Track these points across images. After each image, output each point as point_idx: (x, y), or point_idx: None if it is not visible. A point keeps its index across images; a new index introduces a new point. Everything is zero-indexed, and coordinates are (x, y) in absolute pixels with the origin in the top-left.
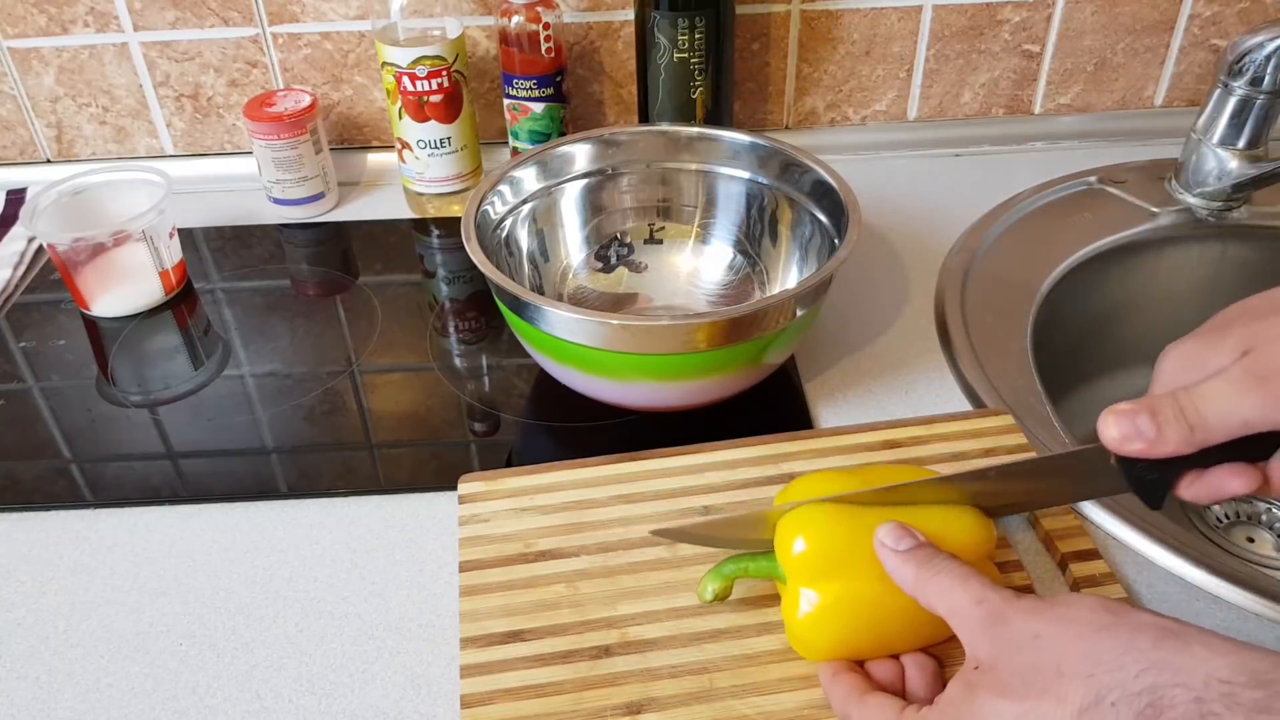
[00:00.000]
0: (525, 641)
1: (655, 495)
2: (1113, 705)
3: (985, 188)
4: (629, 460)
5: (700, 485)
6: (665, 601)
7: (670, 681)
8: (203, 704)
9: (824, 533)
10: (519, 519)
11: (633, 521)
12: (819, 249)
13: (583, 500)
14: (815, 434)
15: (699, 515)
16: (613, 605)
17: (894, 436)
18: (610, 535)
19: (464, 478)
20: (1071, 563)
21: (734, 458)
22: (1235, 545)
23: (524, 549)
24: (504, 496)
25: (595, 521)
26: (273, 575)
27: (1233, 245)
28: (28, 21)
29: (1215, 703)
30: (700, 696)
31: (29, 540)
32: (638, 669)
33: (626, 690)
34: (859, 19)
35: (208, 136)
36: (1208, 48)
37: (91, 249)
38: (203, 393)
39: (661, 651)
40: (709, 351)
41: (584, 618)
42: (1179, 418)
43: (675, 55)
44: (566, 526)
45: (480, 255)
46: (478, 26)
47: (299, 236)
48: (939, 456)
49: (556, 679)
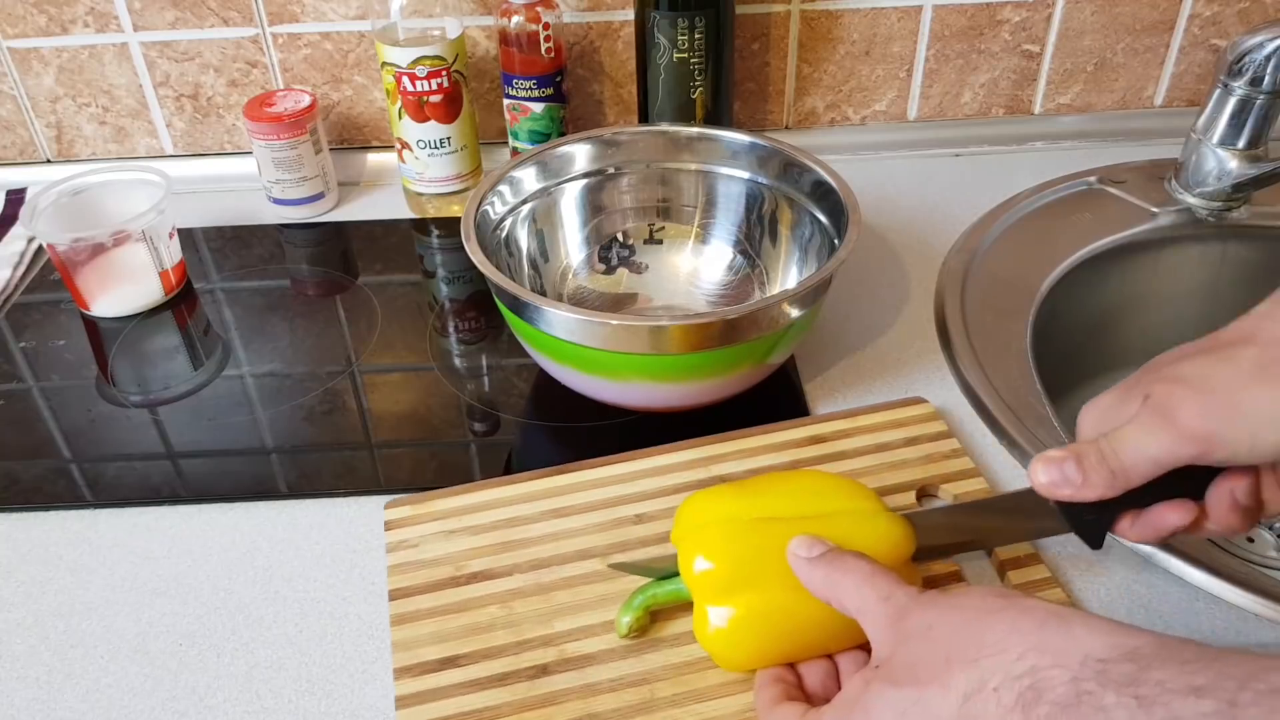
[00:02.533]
0: (460, 667)
1: (587, 507)
2: (995, 690)
3: (985, 188)
4: (557, 473)
5: (631, 494)
6: (602, 615)
7: (611, 695)
8: (203, 704)
9: (725, 549)
10: (449, 541)
11: (564, 536)
12: (819, 249)
13: (513, 518)
14: (743, 434)
15: (632, 524)
16: (548, 623)
17: (819, 431)
18: (543, 551)
19: (389, 503)
20: (1010, 570)
21: (663, 464)
22: (1235, 545)
23: (455, 572)
24: (432, 519)
25: (527, 539)
26: (273, 575)
27: (1233, 245)
28: (28, 21)
29: (1090, 681)
30: (641, 708)
31: (29, 540)
32: (577, 685)
33: (567, 708)
34: (859, 19)
35: (207, 136)
36: (1208, 48)
37: (91, 249)
38: (203, 393)
39: (600, 666)
40: (709, 352)
41: (520, 638)
42: (1101, 463)
43: (675, 55)
44: (497, 546)
45: (480, 255)
46: (478, 26)
47: (299, 236)
48: (864, 448)
49: (494, 703)
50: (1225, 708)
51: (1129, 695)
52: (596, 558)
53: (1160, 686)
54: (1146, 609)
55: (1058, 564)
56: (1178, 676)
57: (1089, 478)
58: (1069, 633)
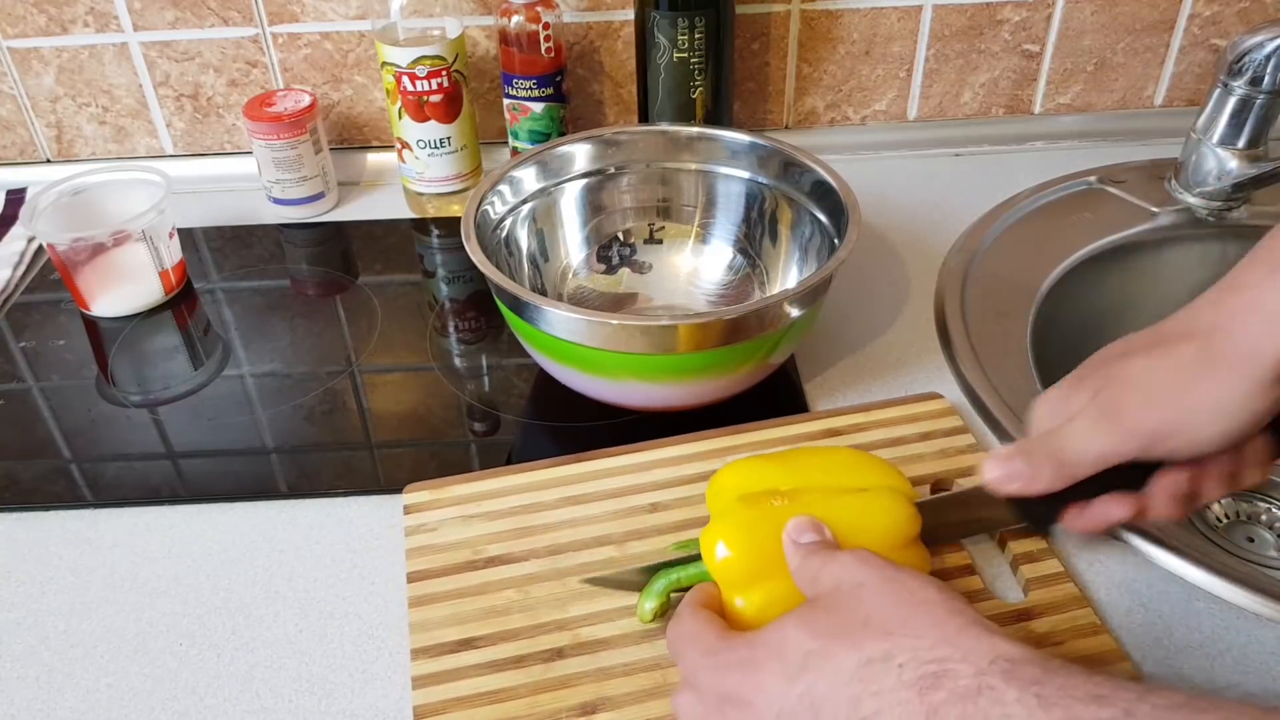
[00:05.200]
0: (477, 649)
1: (603, 495)
2: (900, 666)
3: (985, 188)
4: (575, 461)
5: (647, 483)
6: (616, 600)
7: (624, 679)
8: (203, 704)
9: (744, 537)
10: (467, 526)
11: (581, 523)
12: (819, 249)
13: (530, 504)
14: (758, 426)
15: (646, 513)
16: (564, 607)
17: (834, 425)
18: (560, 538)
19: (409, 487)
20: (1010, 540)
21: (679, 454)
22: (1235, 545)
23: (473, 556)
24: (450, 504)
25: (544, 525)
26: (273, 575)
27: (1232, 245)
28: (28, 21)
29: (995, 676)
30: (654, 693)
31: (29, 540)
32: (591, 669)
33: (581, 691)
34: (859, 19)
35: (208, 136)
36: (1208, 47)
37: (91, 249)
38: (203, 393)
39: (614, 650)
40: (709, 352)
41: (535, 621)
42: (1048, 458)
43: (675, 55)
44: (515, 531)
45: (480, 255)
46: (477, 26)
47: (299, 236)
48: (879, 442)
49: (510, 684)
50: (1121, 715)
51: (1031, 693)
52: (613, 544)
53: (1062, 690)
54: (1146, 608)
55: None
56: (1081, 684)
57: (1037, 472)
58: (988, 639)
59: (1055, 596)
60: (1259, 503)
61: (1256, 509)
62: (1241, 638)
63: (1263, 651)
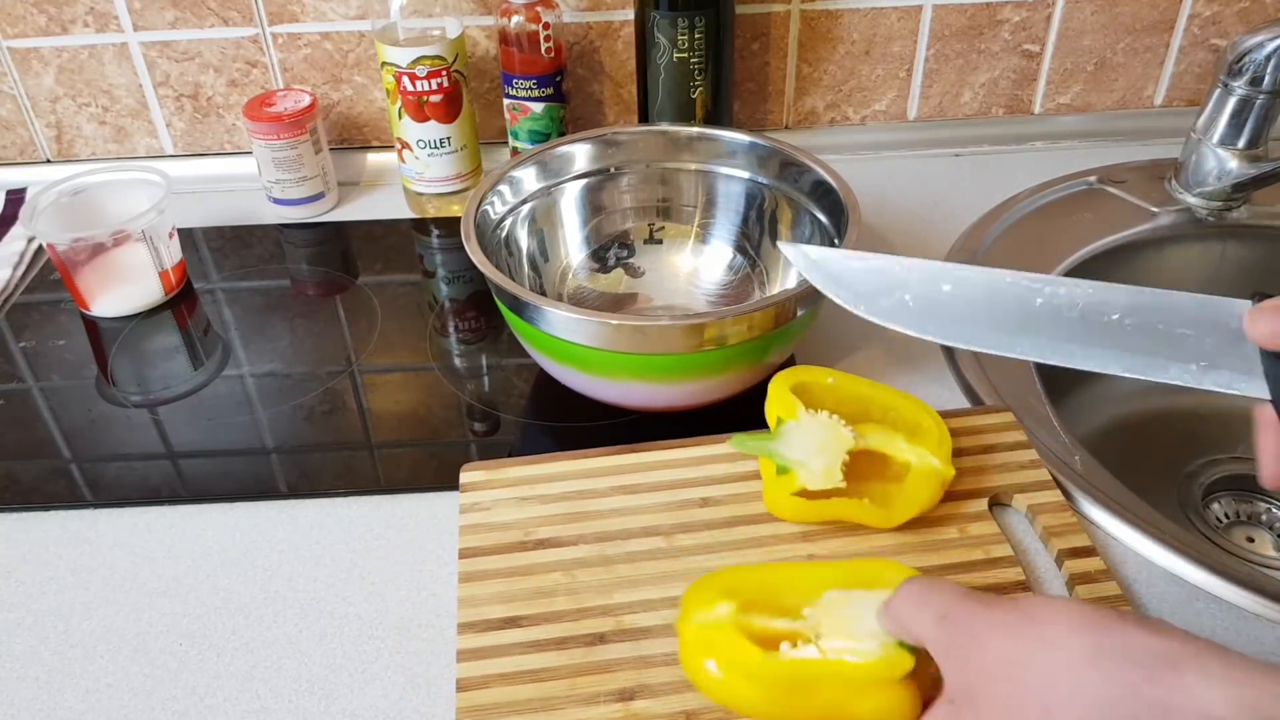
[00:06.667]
0: (522, 628)
1: (655, 486)
2: None
3: (985, 188)
4: (630, 452)
5: (700, 477)
6: (660, 591)
7: (664, 669)
8: (203, 704)
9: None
10: (519, 508)
11: (631, 512)
12: None
13: (583, 490)
14: None
15: (697, 507)
16: (609, 594)
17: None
18: (609, 525)
19: (466, 467)
20: (1067, 559)
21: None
22: (1235, 545)
23: (523, 537)
24: (505, 485)
25: (594, 511)
26: (273, 575)
27: (1233, 245)
28: (28, 21)
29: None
30: (690, 684)
31: (29, 540)
32: (631, 656)
33: (620, 677)
34: (859, 19)
35: (207, 136)
36: (1208, 47)
37: (91, 249)
38: (202, 393)
39: (655, 640)
40: (709, 351)
41: (580, 605)
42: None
43: (675, 55)
44: (566, 516)
45: (480, 255)
46: (477, 26)
47: (299, 236)
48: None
49: (551, 665)
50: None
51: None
52: (661, 535)
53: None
54: (1146, 608)
55: None
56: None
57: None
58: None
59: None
60: (1259, 503)
61: (1256, 509)
62: (1241, 638)
63: (1263, 651)
